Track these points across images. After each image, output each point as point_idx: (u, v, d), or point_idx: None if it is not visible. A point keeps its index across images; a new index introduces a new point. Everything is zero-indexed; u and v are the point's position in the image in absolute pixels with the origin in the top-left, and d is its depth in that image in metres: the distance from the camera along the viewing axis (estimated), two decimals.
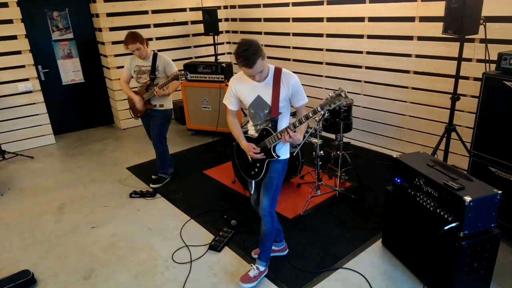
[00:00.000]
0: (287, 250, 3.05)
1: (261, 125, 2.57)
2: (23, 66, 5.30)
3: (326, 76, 5.42)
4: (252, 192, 2.81)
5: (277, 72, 2.43)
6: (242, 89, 2.53)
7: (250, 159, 2.66)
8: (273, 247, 3.00)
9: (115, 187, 4.33)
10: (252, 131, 2.65)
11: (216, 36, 6.17)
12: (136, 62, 3.97)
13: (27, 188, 4.42)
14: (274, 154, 2.54)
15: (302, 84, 2.54)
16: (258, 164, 2.62)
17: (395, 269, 2.84)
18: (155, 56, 3.89)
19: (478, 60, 3.76)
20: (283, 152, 2.60)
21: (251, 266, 2.77)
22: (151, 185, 4.25)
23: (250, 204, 2.95)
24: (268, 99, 2.46)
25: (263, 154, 2.56)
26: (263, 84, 2.45)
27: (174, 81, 3.85)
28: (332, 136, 4.82)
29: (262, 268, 2.76)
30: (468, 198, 2.16)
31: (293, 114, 4.05)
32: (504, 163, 2.92)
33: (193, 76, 5.54)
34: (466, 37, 3.13)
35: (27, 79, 5.36)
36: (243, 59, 2.23)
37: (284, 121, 2.55)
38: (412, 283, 2.69)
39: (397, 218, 2.86)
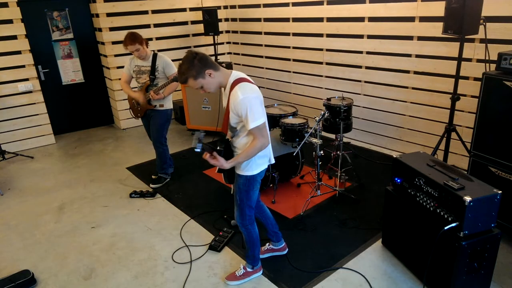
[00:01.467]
0: (287, 249, 3.05)
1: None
2: (23, 66, 5.30)
3: (326, 76, 5.42)
4: (232, 192, 2.79)
5: (232, 86, 2.28)
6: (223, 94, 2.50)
7: None
8: (272, 247, 3.01)
9: (115, 187, 4.33)
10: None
11: (216, 36, 6.17)
12: (135, 62, 3.97)
13: (27, 188, 4.42)
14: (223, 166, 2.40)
15: (302, 84, 2.51)
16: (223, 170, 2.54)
17: (395, 269, 2.84)
18: (155, 56, 3.89)
19: (478, 60, 3.76)
20: (243, 168, 2.43)
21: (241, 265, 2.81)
22: (151, 185, 4.25)
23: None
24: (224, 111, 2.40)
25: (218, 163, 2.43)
26: (225, 94, 2.39)
27: (172, 83, 3.85)
28: (332, 136, 4.83)
29: (248, 269, 2.77)
30: (468, 198, 2.16)
31: (292, 114, 4.07)
32: (504, 163, 2.92)
33: None
34: (466, 37, 3.13)
35: (27, 79, 5.36)
36: (178, 75, 2.27)
37: (241, 138, 2.40)
38: (412, 283, 2.69)
39: (397, 218, 2.86)
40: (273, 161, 2.60)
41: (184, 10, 6.35)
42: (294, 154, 3.85)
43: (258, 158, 2.44)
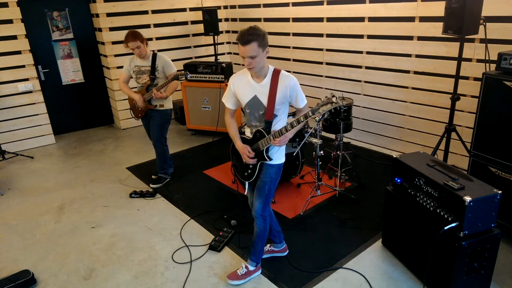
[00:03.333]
0: (287, 251, 3.05)
1: (256, 126, 2.54)
2: (23, 66, 5.30)
3: (326, 76, 5.42)
4: (246, 192, 2.80)
5: (275, 74, 2.41)
6: (240, 87, 2.52)
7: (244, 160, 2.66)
8: (273, 248, 3.01)
9: (115, 187, 4.33)
10: (248, 132, 2.63)
11: (216, 36, 6.16)
12: (135, 62, 3.97)
13: (27, 188, 4.42)
14: (266, 156, 2.52)
15: (302, 84, 2.54)
16: (251, 166, 2.61)
17: (395, 269, 2.84)
18: (154, 56, 3.89)
19: (478, 60, 3.76)
20: (278, 156, 2.56)
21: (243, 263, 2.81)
22: (151, 185, 4.25)
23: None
24: (264, 100, 2.44)
25: (256, 159, 2.55)
26: (261, 85, 2.43)
27: (173, 82, 3.85)
28: (332, 136, 4.82)
29: (251, 268, 2.77)
30: (468, 198, 2.16)
31: (293, 114, 4.07)
32: (504, 163, 2.92)
33: (193, 76, 5.55)
34: (466, 37, 3.13)
35: (27, 79, 5.36)
36: (241, 35, 2.26)
37: (279, 124, 2.50)
38: (412, 283, 2.69)
39: (397, 218, 2.86)
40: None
41: (184, 10, 6.35)
42: (294, 154, 3.85)
43: (285, 145, 2.57)
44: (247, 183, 2.74)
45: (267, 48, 2.34)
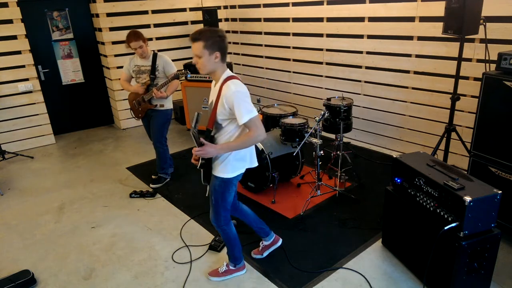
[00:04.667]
0: (280, 240, 3.05)
1: None
2: (23, 66, 5.30)
3: (326, 76, 5.42)
4: (206, 194, 2.75)
5: (224, 81, 2.31)
6: (212, 88, 2.51)
7: None
8: (265, 243, 3.01)
9: (115, 187, 4.33)
10: None
11: None
12: (135, 62, 3.97)
13: (27, 188, 4.42)
14: (200, 164, 2.46)
15: (302, 84, 2.52)
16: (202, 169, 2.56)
17: (395, 269, 2.84)
18: (155, 56, 3.89)
19: (478, 60, 3.76)
20: (220, 170, 2.44)
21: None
22: (151, 185, 4.25)
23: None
24: (212, 106, 2.40)
25: (199, 160, 2.47)
26: (215, 90, 2.39)
27: (173, 81, 3.86)
28: (332, 136, 4.82)
29: (231, 267, 2.80)
30: (468, 198, 2.16)
31: (292, 114, 4.07)
32: (504, 163, 2.92)
33: (193, 76, 5.55)
34: (466, 37, 3.13)
35: (27, 79, 5.36)
36: (194, 32, 2.26)
37: (224, 137, 2.39)
38: (412, 283, 2.69)
39: (397, 218, 2.86)
40: (255, 165, 2.57)
41: (184, 10, 6.35)
42: (294, 154, 3.85)
43: (235, 160, 2.42)
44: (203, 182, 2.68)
45: (216, 53, 2.25)
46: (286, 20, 5.78)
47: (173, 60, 4.03)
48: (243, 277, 2.83)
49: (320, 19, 5.26)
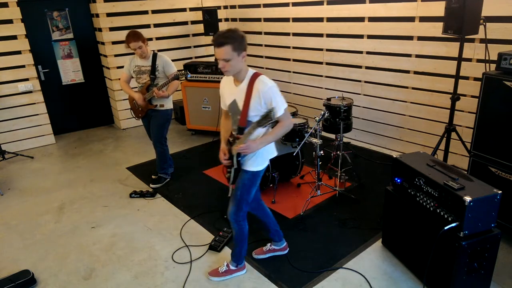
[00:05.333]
0: (288, 249, 3.05)
1: (234, 130, 2.51)
2: (23, 66, 5.30)
3: (326, 76, 5.42)
4: (229, 194, 2.74)
5: (253, 78, 2.33)
6: (226, 89, 2.52)
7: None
8: (274, 247, 3.01)
9: (115, 187, 4.33)
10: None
11: None
12: (135, 62, 3.97)
13: (27, 188, 4.42)
14: (235, 162, 2.48)
15: (302, 84, 2.53)
16: (229, 169, 2.61)
17: (395, 269, 2.84)
18: (155, 56, 3.89)
19: (478, 60, 3.76)
20: (252, 163, 2.48)
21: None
22: (151, 185, 4.25)
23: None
24: (241, 105, 2.39)
25: (230, 161, 2.52)
26: (239, 89, 2.39)
27: (174, 81, 3.86)
28: (332, 136, 4.82)
29: (232, 267, 2.79)
30: (468, 198, 2.16)
31: (293, 114, 4.07)
32: (504, 163, 2.92)
33: (193, 76, 5.55)
34: (466, 37, 3.13)
35: (27, 79, 5.36)
36: (216, 36, 2.23)
37: (256, 133, 2.39)
38: (412, 283, 2.69)
39: (397, 218, 2.86)
40: (275, 154, 2.64)
41: (184, 10, 6.35)
42: (294, 154, 3.85)
43: (265, 153, 2.49)
44: (230, 185, 2.72)
45: (243, 52, 2.27)
46: (286, 20, 5.78)
47: (173, 60, 4.03)
48: (243, 277, 2.83)
49: (320, 19, 5.26)
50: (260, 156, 2.48)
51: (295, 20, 5.63)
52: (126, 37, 3.75)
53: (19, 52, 5.24)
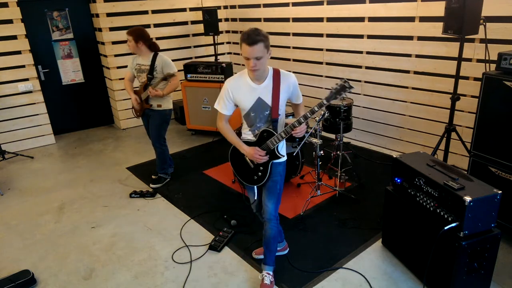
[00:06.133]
0: (288, 249, 3.06)
1: (260, 127, 2.50)
2: (23, 66, 5.30)
3: (326, 76, 5.42)
4: (255, 198, 2.72)
5: (276, 73, 2.43)
6: (241, 92, 2.44)
7: (251, 164, 2.57)
8: (277, 247, 3.00)
9: (115, 187, 4.33)
10: (249, 136, 2.56)
11: (216, 36, 6.17)
12: (137, 60, 3.99)
13: (27, 188, 4.42)
14: (279, 155, 2.52)
15: (302, 84, 2.56)
16: (261, 168, 2.55)
17: (395, 269, 2.84)
18: (155, 55, 3.89)
19: (478, 60, 3.76)
20: (283, 153, 2.59)
21: (262, 274, 2.69)
22: (151, 185, 4.25)
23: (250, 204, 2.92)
24: (268, 100, 2.42)
25: (267, 156, 2.50)
26: (263, 86, 2.41)
27: (172, 82, 3.90)
28: (332, 136, 4.83)
29: (271, 272, 2.72)
30: (468, 198, 2.16)
31: (292, 115, 4.07)
32: (504, 163, 2.92)
33: (193, 76, 5.55)
34: (466, 37, 3.13)
35: (27, 79, 5.36)
36: (247, 35, 2.23)
37: (281, 122, 2.55)
38: (412, 283, 2.69)
39: (397, 218, 2.86)
40: None
41: (184, 10, 6.35)
42: (294, 154, 3.85)
43: (286, 145, 2.63)
44: (255, 188, 2.68)
45: (270, 49, 2.34)
46: (286, 20, 5.78)
47: (173, 60, 4.02)
48: (243, 278, 2.83)
49: (320, 19, 5.26)
50: (285, 145, 2.61)
51: (295, 20, 5.63)
52: None
53: (19, 52, 5.24)
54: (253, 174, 2.60)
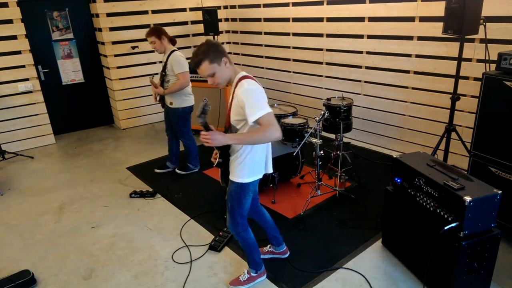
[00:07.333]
0: (288, 253, 3.01)
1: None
2: (23, 66, 5.30)
3: (326, 76, 5.42)
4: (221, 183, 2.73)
5: (239, 81, 2.25)
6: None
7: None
8: (273, 250, 3.00)
9: (115, 187, 4.33)
10: None
11: (216, 36, 6.17)
12: (163, 58, 4.14)
13: (27, 188, 4.42)
14: (218, 157, 2.41)
15: (302, 84, 2.51)
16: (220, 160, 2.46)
17: (395, 269, 2.84)
18: (170, 54, 3.99)
19: (478, 60, 3.76)
20: (236, 174, 2.37)
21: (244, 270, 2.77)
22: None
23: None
24: (228, 106, 2.37)
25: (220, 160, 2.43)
26: (231, 91, 2.35)
27: (177, 81, 4.00)
28: (332, 136, 4.83)
29: (253, 274, 2.73)
30: (468, 198, 2.16)
31: (292, 114, 4.07)
32: (504, 163, 2.92)
33: (193, 76, 5.54)
34: (466, 37, 3.13)
35: (27, 79, 5.36)
36: (191, 58, 2.20)
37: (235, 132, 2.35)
38: (412, 283, 2.69)
39: (397, 218, 2.86)
40: (270, 171, 2.50)
41: (184, 10, 6.35)
42: (294, 154, 3.85)
43: (252, 165, 2.35)
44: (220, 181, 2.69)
45: (224, 58, 2.19)
46: (286, 20, 5.78)
47: None
48: None
49: (320, 19, 5.26)
50: (247, 167, 2.34)
51: (295, 20, 5.63)
52: None
53: (19, 52, 5.24)
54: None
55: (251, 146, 2.30)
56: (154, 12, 6.08)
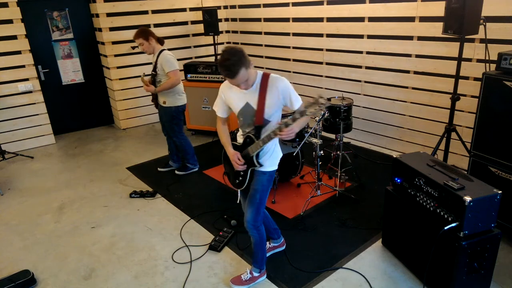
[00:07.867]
0: (285, 245, 3.07)
1: (248, 132, 2.48)
2: (23, 66, 5.30)
3: (326, 76, 5.42)
4: (238, 200, 2.73)
5: (264, 78, 2.35)
6: (232, 96, 2.46)
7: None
8: (274, 244, 3.02)
9: (115, 187, 4.33)
10: (240, 139, 2.56)
11: (216, 36, 6.17)
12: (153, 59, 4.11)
13: (27, 188, 4.42)
14: (255, 162, 2.44)
15: (302, 84, 2.53)
16: (241, 173, 2.55)
17: (395, 269, 2.84)
18: (159, 53, 3.97)
19: (478, 60, 3.76)
20: (269, 163, 2.49)
21: (246, 269, 2.77)
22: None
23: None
24: (255, 105, 2.38)
25: (245, 165, 2.47)
26: (251, 91, 2.36)
27: (168, 80, 3.98)
28: (332, 136, 4.83)
29: (255, 274, 2.73)
30: (468, 198, 2.16)
31: (292, 114, 4.06)
32: (504, 163, 2.92)
33: (193, 76, 5.55)
34: (466, 37, 3.13)
35: (27, 79, 5.36)
36: (225, 69, 2.17)
37: (267, 131, 2.41)
38: (412, 283, 2.69)
39: (397, 218, 2.86)
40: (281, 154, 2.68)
41: (184, 10, 6.35)
42: (294, 154, 3.85)
43: (279, 152, 2.57)
44: (239, 191, 2.68)
45: (250, 63, 2.23)
46: (286, 20, 5.78)
47: None
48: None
49: (320, 19, 5.25)
50: (275, 155, 2.54)
51: (295, 20, 5.63)
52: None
53: (19, 52, 5.24)
54: (236, 177, 2.62)
55: None
56: (154, 12, 6.08)
